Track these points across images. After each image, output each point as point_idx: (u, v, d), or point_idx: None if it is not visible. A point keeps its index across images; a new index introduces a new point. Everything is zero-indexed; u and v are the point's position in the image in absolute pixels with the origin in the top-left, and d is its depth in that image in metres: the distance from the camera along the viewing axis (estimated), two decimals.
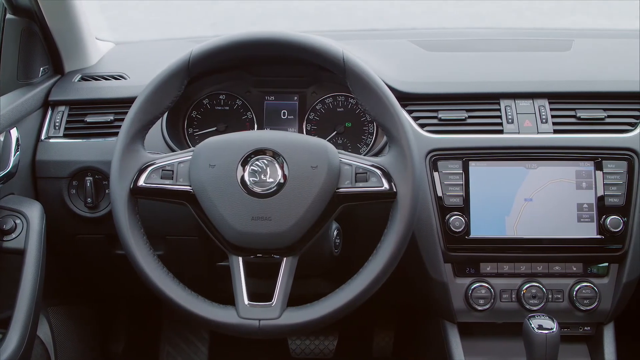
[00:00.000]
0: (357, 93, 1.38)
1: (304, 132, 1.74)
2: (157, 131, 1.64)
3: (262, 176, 1.33)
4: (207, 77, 1.72)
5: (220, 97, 1.76)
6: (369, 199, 1.35)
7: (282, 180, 1.33)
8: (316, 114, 1.74)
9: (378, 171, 1.35)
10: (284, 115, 1.76)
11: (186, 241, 1.68)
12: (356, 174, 1.35)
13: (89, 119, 1.67)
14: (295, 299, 1.37)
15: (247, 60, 1.72)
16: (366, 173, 1.35)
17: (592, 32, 2.13)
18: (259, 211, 1.32)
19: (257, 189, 1.33)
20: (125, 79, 1.75)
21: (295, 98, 1.76)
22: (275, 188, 1.33)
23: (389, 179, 1.34)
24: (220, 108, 1.76)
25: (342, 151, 1.39)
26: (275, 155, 1.34)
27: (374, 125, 1.72)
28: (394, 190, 1.34)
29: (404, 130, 1.35)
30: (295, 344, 2.25)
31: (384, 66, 1.70)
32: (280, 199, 1.32)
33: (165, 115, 1.65)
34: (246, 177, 1.33)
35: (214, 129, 1.74)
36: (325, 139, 1.71)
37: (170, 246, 1.69)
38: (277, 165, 1.34)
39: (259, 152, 1.35)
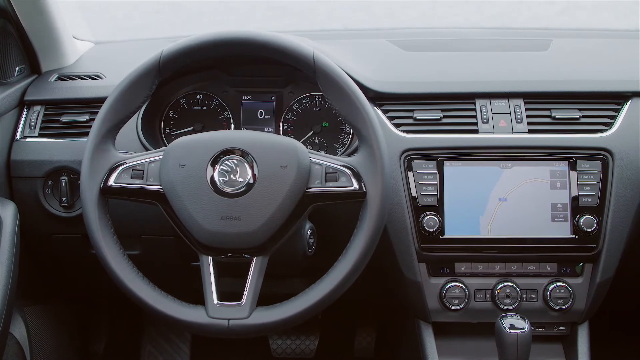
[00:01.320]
0: (328, 93, 1.38)
1: (281, 132, 1.74)
2: (133, 131, 1.64)
3: (232, 176, 1.33)
4: (184, 77, 1.72)
5: (197, 97, 1.76)
6: (338, 199, 1.36)
7: (251, 180, 1.33)
8: (293, 114, 1.74)
9: (348, 171, 1.35)
10: (261, 115, 1.76)
11: (162, 241, 1.68)
12: (326, 173, 1.35)
13: (64, 119, 1.67)
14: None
15: (223, 60, 1.72)
16: (336, 173, 1.35)
17: (571, 32, 2.13)
18: (228, 211, 1.32)
19: (227, 189, 1.33)
20: (101, 78, 1.75)
21: (272, 98, 1.76)
22: (244, 188, 1.33)
23: (359, 179, 1.34)
24: (197, 108, 1.76)
25: (313, 151, 1.39)
26: (245, 155, 1.34)
27: None
28: (364, 190, 1.34)
29: (374, 130, 1.35)
30: (276, 343, 2.25)
31: (361, 66, 1.70)
32: (250, 198, 1.32)
33: (140, 115, 1.66)
34: (216, 177, 1.33)
35: (190, 128, 1.74)
36: (302, 138, 1.73)
37: (146, 246, 1.69)
38: (246, 165, 1.34)
39: (229, 151, 1.35)
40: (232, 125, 1.75)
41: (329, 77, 1.37)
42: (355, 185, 1.34)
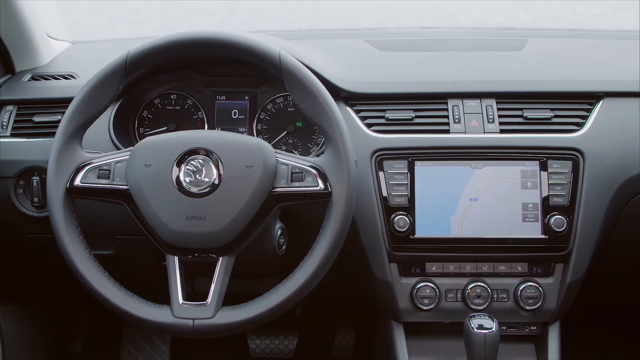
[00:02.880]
0: (294, 92, 1.38)
1: (255, 132, 1.74)
2: (105, 131, 1.64)
3: (198, 176, 1.33)
4: (157, 76, 1.72)
5: (172, 96, 1.76)
6: (304, 199, 1.36)
7: (217, 180, 1.33)
8: (267, 114, 1.74)
9: (314, 171, 1.35)
10: (235, 115, 1.76)
11: (135, 240, 1.67)
12: (292, 173, 1.35)
13: (36, 119, 1.67)
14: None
15: (195, 60, 1.72)
16: (302, 173, 1.35)
17: (549, 32, 2.13)
18: (193, 211, 1.32)
19: (192, 189, 1.33)
20: (75, 78, 1.75)
21: (246, 98, 1.76)
22: (209, 188, 1.33)
23: (325, 179, 1.34)
24: (171, 108, 1.76)
25: (280, 151, 1.39)
26: (211, 155, 1.34)
27: None
28: (329, 190, 1.34)
29: (339, 130, 1.35)
30: (255, 343, 2.25)
31: (335, 66, 1.70)
32: (215, 198, 1.32)
33: (112, 115, 1.66)
34: (181, 177, 1.33)
35: (164, 128, 1.74)
36: (276, 138, 1.73)
37: (119, 245, 1.69)
38: (212, 165, 1.34)
39: (194, 151, 1.35)
40: (206, 125, 1.75)
41: (295, 76, 1.37)
42: (321, 185, 1.34)
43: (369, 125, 1.62)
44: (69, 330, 2.16)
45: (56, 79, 1.75)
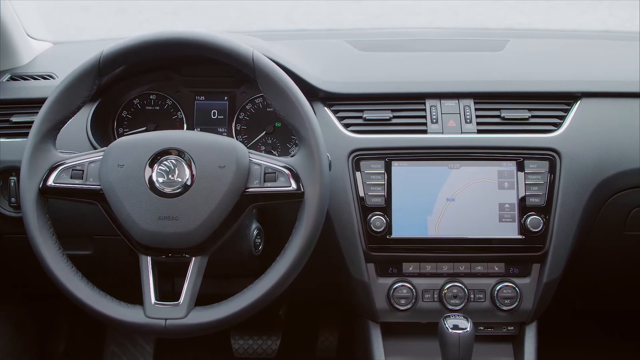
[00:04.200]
0: (267, 93, 1.38)
1: (234, 132, 1.74)
2: (83, 131, 1.64)
3: (170, 176, 1.33)
4: (136, 77, 1.72)
5: (151, 97, 1.76)
6: (276, 199, 1.36)
7: (189, 180, 1.33)
8: (246, 114, 1.74)
9: (287, 171, 1.35)
10: (214, 115, 1.76)
11: (113, 240, 1.67)
12: (265, 173, 1.35)
13: (14, 119, 1.67)
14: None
15: (175, 60, 1.72)
16: (275, 173, 1.35)
17: (530, 33, 2.13)
18: (165, 211, 1.32)
19: (165, 189, 1.33)
20: (54, 78, 1.75)
21: (226, 98, 1.76)
22: (182, 188, 1.33)
23: (297, 179, 1.34)
24: (150, 108, 1.76)
25: (253, 151, 1.39)
26: (183, 155, 1.35)
27: None
28: (302, 190, 1.34)
29: (312, 130, 1.35)
30: (238, 343, 2.25)
31: (314, 66, 1.71)
32: (187, 198, 1.32)
33: (90, 115, 1.66)
34: (154, 177, 1.34)
35: (143, 129, 1.74)
36: (255, 138, 1.73)
37: (98, 245, 1.69)
38: (185, 165, 1.34)
39: (167, 152, 1.35)
40: (185, 126, 1.75)
41: (268, 77, 1.37)
42: (294, 185, 1.34)
43: (346, 126, 1.62)
44: (51, 331, 2.16)
45: (35, 79, 1.75)
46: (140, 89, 1.75)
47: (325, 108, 1.65)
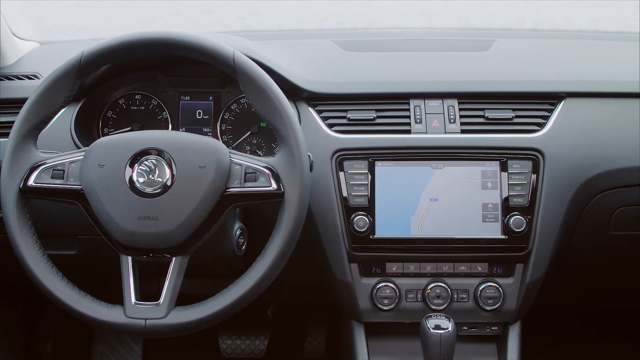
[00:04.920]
0: (248, 93, 1.38)
1: (219, 132, 1.74)
2: (68, 131, 1.64)
3: (151, 176, 1.33)
4: (121, 77, 1.72)
5: (136, 97, 1.76)
6: (257, 199, 1.36)
7: (169, 180, 1.33)
8: (231, 114, 1.74)
9: (267, 171, 1.35)
10: (199, 115, 1.76)
11: (98, 240, 1.67)
12: (245, 173, 1.35)
13: None
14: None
15: (159, 61, 1.72)
16: (255, 173, 1.35)
17: (518, 33, 2.13)
18: (146, 211, 1.32)
19: (145, 189, 1.33)
20: (39, 78, 1.75)
21: (211, 98, 1.76)
22: (162, 188, 1.33)
23: (277, 179, 1.34)
24: (135, 108, 1.76)
25: (234, 151, 1.39)
26: (164, 155, 1.35)
27: None
28: (282, 190, 1.34)
29: (292, 130, 1.35)
30: (225, 343, 2.25)
31: (299, 66, 1.70)
32: (167, 199, 1.32)
33: (74, 115, 1.66)
34: (134, 177, 1.34)
35: (128, 129, 1.74)
36: (240, 138, 1.73)
37: (83, 245, 1.69)
38: (165, 165, 1.34)
39: (147, 152, 1.35)
40: (170, 126, 1.75)
41: (249, 77, 1.37)
42: (274, 185, 1.34)
43: (330, 126, 1.62)
44: (39, 330, 2.16)
45: (20, 79, 1.75)
46: (125, 88, 1.75)
47: (310, 108, 1.65)
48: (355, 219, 1.55)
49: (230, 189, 1.35)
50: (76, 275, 1.76)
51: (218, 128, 1.74)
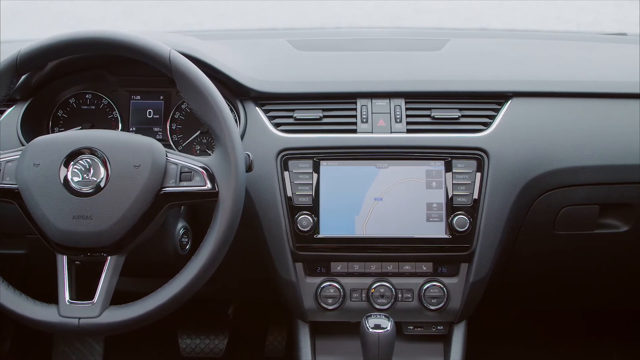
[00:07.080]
0: (184, 92, 1.38)
1: (169, 132, 1.74)
2: (14, 130, 1.64)
3: (86, 175, 1.34)
4: (69, 76, 1.72)
5: (87, 96, 1.76)
6: (192, 198, 1.36)
7: (104, 180, 1.33)
8: (181, 114, 1.74)
9: (203, 171, 1.35)
10: (150, 115, 1.76)
11: None
12: (181, 173, 1.36)
13: None
14: None
15: (104, 59, 1.72)
16: (191, 172, 1.36)
17: (471, 32, 2.13)
18: (80, 210, 1.32)
19: (79, 188, 1.33)
20: None
21: (161, 97, 1.76)
22: (97, 187, 1.33)
23: (212, 179, 1.35)
24: (86, 107, 1.76)
25: (171, 150, 1.39)
26: (98, 154, 1.35)
27: None
28: (216, 189, 1.34)
29: (227, 130, 1.35)
30: (185, 342, 2.25)
31: (249, 66, 1.70)
32: (102, 198, 1.32)
33: (20, 114, 1.66)
34: (69, 176, 1.34)
35: (79, 128, 1.74)
36: (189, 138, 1.73)
37: (32, 245, 1.69)
38: (100, 164, 1.34)
39: (82, 151, 1.35)
40: (121, 125, 1.75)
41: (184, 76, 1.37)
42: (209, 185, 1.35)
43: (276, 125, 1.62)
44: None
45: None
46: (75, 88, 1.75)
47: (257, 108, 1.65)
48: (299, 219, 1.55)
49: (166, 189, 1.35)
50: (28, 275, 1.77)
51: (168, 127, 1.74)
